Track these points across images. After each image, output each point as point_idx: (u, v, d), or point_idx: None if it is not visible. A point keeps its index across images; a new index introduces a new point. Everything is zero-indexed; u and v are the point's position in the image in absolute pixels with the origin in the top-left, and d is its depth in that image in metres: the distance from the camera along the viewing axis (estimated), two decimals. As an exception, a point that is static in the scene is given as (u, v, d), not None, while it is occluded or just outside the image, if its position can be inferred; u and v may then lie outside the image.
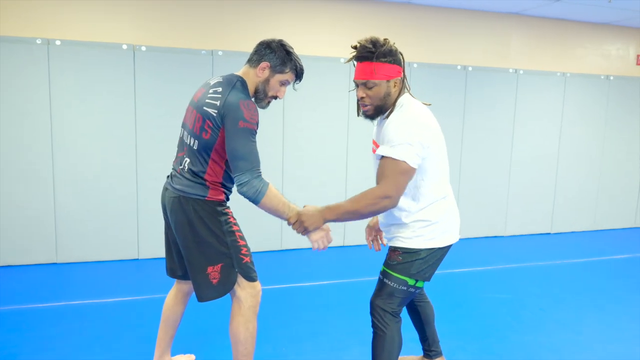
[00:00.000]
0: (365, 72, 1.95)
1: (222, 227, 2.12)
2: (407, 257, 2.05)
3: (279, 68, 2.11)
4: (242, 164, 1.97)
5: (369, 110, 2.02)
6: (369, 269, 4.28)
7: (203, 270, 2.12)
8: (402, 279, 2.05)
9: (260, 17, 4.62)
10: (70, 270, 4.13)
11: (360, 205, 1.88)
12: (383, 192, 1.87)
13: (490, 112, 5.42)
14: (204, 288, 2.14)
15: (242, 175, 1.96)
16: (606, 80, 5.85)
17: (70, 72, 4.08)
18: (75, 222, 4.25)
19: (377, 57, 1.92)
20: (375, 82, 1.95)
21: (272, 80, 2.13)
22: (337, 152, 4.95)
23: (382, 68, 1.93)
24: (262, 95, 2.15)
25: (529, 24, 5.56)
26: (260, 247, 4.72)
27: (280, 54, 2.10)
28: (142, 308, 3.39)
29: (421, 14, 5.13)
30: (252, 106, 2.02)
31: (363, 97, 1.99)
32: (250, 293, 2.17)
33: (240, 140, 1.97)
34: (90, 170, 4.23)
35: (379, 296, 2.11)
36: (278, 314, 3.35)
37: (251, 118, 1.99)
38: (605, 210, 6.12)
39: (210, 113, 2.04)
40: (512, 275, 4.32)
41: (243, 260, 2.16)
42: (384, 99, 1.98)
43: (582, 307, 3.58)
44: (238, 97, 2.01)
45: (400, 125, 1.91)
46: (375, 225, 2.43)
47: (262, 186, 1.97)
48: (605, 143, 5.98)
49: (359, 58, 1.97)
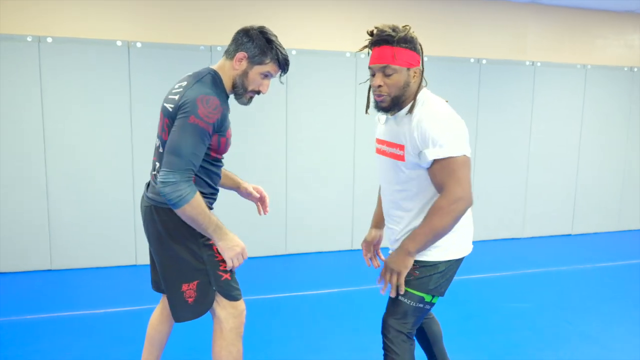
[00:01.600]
0: (385, 56, 1.74)
1: (198, 240, 1.89)
2: (424, 272, 1.84)
3: (258, 59, 1.85)
4: (176, 160, 1.72)
5: (385, 101, 1.79)
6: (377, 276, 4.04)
7: (177, 288, 1.91)
8: (418, 295, 1.84)
9: (261, 10, 4.41)
10: (64, 278, 3.96)
11: (437, 223, 1.71)
12: (453, 197, 1.69)
13: (506, 107, 5.14)
14: (179, 307, 1.93)
15: (171, 173, 1.72)
16: (630, 72, 5.52)
17: (63, 71, 3.91)
18: (69, 226, 4.08)
19: (398, 42, 1.72)
20: (395, 69, 1.74)
21: (251, 73, 1.87)
22: (343, 152, 4.71)
23: (403, 54, 1.73)
24: (241, 90, 1.91)
25: (546, 14, 5.26)
26: (264, 252, 4.51)
27: (259, 42, 1.84)
28: (140, 319, 3.19)
29: (432, 4, 4.87)
30: (213, 102, 1.75)
31: (380, 85, 1.76)
32: (231, 313, 1.94)
33: (185, 136, 1.72)
34: (84, 173, 4.06)
35: (392, 315, 1.89)
36: (279, 326, 3.14)
37: (206, 116, 1.73)
38: (629, 210, 5.79)
39: (167, 109, 1.84)
40: (531, 281, 4.05)
41: (222, 277, 1.92)
42: (402, 89, 1.77)
43: (610, 318, 3.30)
44: (198, 92, 1.77)
45: (437, 121, 1.72)
46: (373, 240, 2.22)
47: (188, 193, 1.72)
48: (629, 139, 5.65)
49: (377, 42, 1.76)
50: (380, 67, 1.76)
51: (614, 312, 3.40)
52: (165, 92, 4.03)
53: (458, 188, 1.69)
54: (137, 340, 2.89)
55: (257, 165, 4.46)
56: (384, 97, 1.78)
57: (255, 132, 4.43)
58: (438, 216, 1.70)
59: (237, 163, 4.34)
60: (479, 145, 5.06)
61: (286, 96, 4.45)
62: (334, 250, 4.78)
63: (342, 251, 4.80)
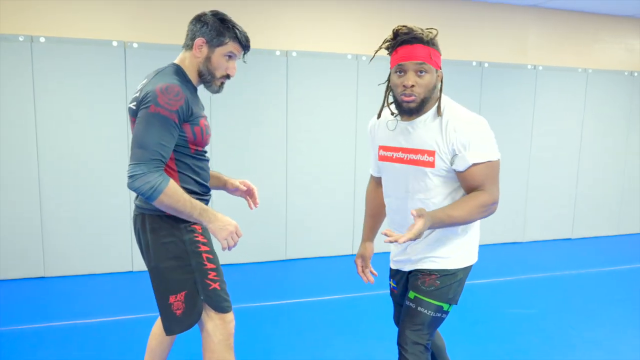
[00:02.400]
0: (421, 54, 1.67)
1: (186, 247, 1.81)
2: (445, 281, 1.79)
3: (217, 40, 1.80)
4: (140, 152, 1.64)
5: (415, 101, 1.70)
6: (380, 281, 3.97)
7: (165, 299, 1.83)
8: (438, 305, 1.79)
9: (260, 11, 4.32)
10: (58, 285, 3.84)
11: (471, 213, 1.68)
12: (493, 198, 1.71)
13: (507, 110, 5.09)
14: (169, 320, 1.85)
15: (137, 166, 1.64)
16: (630, 77, 5.50)
17: (56, 72, 3.80)
18: (63, 232, 3.96)
19: (430, 42, 1.68)
20: (430, 68, 1.69)
21: (213, 57, 1.81)
22: (344, 155, 4.63)
23: (435, 55, 1.70)
24: (208, 77, 1.84)
25: (548, 17, 5.22)
26: (263, 257, 4.41)
27: (214, 24, 1.79)
28: (137, 329, 3.09)
29: (434, 7, 4.81)
30: (173, 89, 1.68)
31: (413, 85, 1.67)
32: (218, 325, 1.86)
33: (147, 127, 1.65)
34: (78, 176, 3.94)
35: (411, 327, 1.81)
36: (279, 335, 3.05)
37: (167, 103, 1.66)
38: (629, 214, 5.76)
39: (132, 108, 1.77)
40: (534, 286, 3.99)
41: (210, 287, 1.83)
42: (431, 91, 1.72)
43: (617, 324, 3.25)
44: (157, 82, 1.71)
45: (473, 124, 1.69)
46: (371, 254, 2.13)
47: (160, 182, 1.64)
48: (629, 143, 5.62)
49: (409, 40, 1.67)
50: (416, 65, 1.67)
51: (619, 318, 3.35)
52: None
53: (497, 192, 1.70)
54: (134, 351, 2.79)
55: (256, 168, 4.37)
56: (414, 97, 1.69)
57: (255, 134, 4.34)
58: (475, 210, 1.67)
59: (236, 166, 4.26)
60: (480, 149, 5.01)
61: (287, 98, 4.37)
62: (334, 255, 4.70)
63: (343, 256, 4.72)
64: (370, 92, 4.57)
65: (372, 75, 4.55)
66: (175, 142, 1.74)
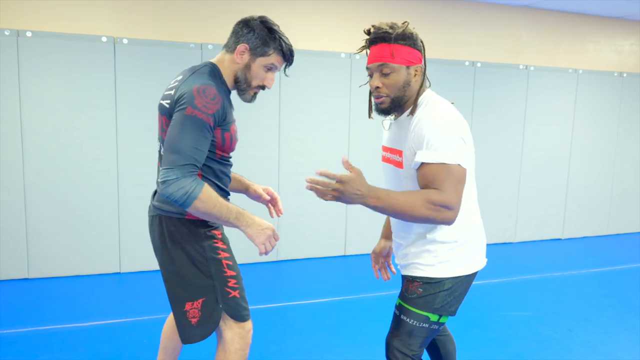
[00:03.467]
0: (382, 54, 1.62)
1: (206, 254, 1.75)
2: (428, 289, 1.69)
3: (260, 50, 1.72)
4: (175, 157, 1.57)
5: (385, 102, 1.67)
6: (373, 283, 3.93)
7: (181, 306, 1.77)
8: (423, 314, 1.70)
9: (254, 8, 4.24)
10: (43, 287, 3.72)
11: (415, 205, 1.49)
12: (443, 199, 1.50)
13: (500, 110, 5.09)
14: (185, 328, 1.78)
15: (171, 171, 1.56)
16: (619, 78, 5.54)
17: (43, 67, 3.68)
18: (49, 232, 3.84)
19: (396, 39, 1.61)
20: (394, 67, 1.62)
21: (254, 66, 1.74)
22: (337, 155, 4.57)
23: (401, 51, 1.62)
24: (244, 85, 1.77)
25: (539, 18, 5.23)
26: (254, 259, 4.34)
27: (261, 33, 1.72)
28: (126, 333, 3.00)
29: (427, 6, 4.78)
30: (211, 92, 1.61)
31: (379, 86, 1.65)
32: (237, 334, 1.80)
33: (183, 129, 1.58)
34: (65, 175, 3.83)
35: (396, 336, 1.74)
36: (273, 339, 2.98)
37: (204, 106, 1.59)
38: (617, 214, 5.81)
39: (165, 106, 1.70)
40: (528, 288, 3.98)
41: (229, 295, 1.77)
42: (402, 89, 1.65)
43: (611, 327, 3.25)
44: (194, 83, 1.63)
45: (436, 122, 1.57)
46: (383, 251, 2.07)
47: (193, 187, 1.56)
48: (618, 143, 5.67)
49: (374, 40, 1.65)
50: (377, 66, 1.64)
51: (614, 321, 3.34)
52: (153, 91, 3.88)
53: (453, 196, 1.52)
54: (124, 357, 2.71)
55: (248, 168, 4.28)
56: (383, 98, 1.66)
57: (246, 133, 4.26)
58: (421, 204, 1.49)
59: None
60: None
61: (279, 97, 4.30)
62: (327, 256, 4.65)
63: (336, 257, 4.67)
64: (364, 91, 4.52)
65: (366, 74, 4.50)
66: None
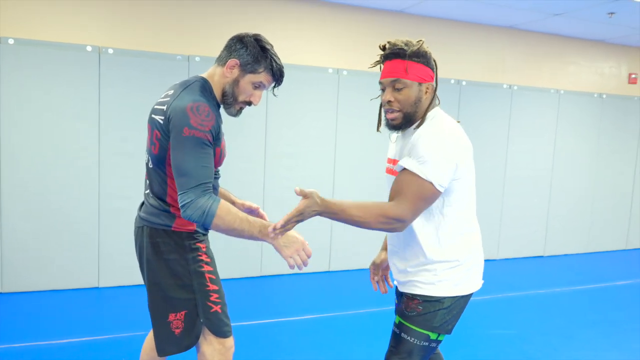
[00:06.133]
0: (396, 69, 1.65)
1: (189, 266, 1.74)
2: (428, 307, 1.68)
3: (251, 67, 1.71)
4: (185, 180, 1.58)
5: (397, 118, 1.69)
6: (359, 299, 3.90)
7: (164, 317, 1.75)
8: (423, 333, 1.69)
9: (242, 21, 4.24)
10: (17, 302, 3.59)
11: (370, 218, 1.53)
12: (398, 214, 1.54)
13: (484, 128, 5.14)
14: (164, 339, 1.76)
15: (185, 194, 1.57)
16: (599, 99, 5.66)
17: (24, 76, 3.59)
18: (24, 244, 3.72)
19: (410, 56, 1.64)
20: (406, 83, 1.65)
21: (242, 82, 1.73)
22: (323, 170, 4.56)
23: (415, 68, 1.65)
24: (230, 99, 1.76)
25: (523, 39, 5.33)
26: (237, 274, 4.27)
27: (253, 50, 1.71)
28: (105, 350, 2.89)
29: (415, 23, 4.83)
30: (204, 109, 1.61)
31: (391, 101, 1.67)
32: (218, 350, 1.77)
33: (184, 152, 1.58)
34: (43, 187, 3.72)
35: (396, 354, 1.72)
36: (253, 358, 2.91)
37: (200, 124, 1.59)
38: (598, 232, 5.90)
39: (157, 121, 1.68)
40: (511, 305, 3.99)
41: (211, 309, 1.76)
42: (414, 105, 1.67)
43: (596, 344, 3.26)
44: (187, 100, 1.62)
45: (432, 139, 1.59)
46: (383, 263, 2.05)
47: (209, 205, 1.56)
48: (599, 162, 5.78)
49: (388, 56, 1.67)
50: (390, 81, 1.67)
51: (598, 337, 3.36)
52: (138, 103, 3.83)
53: (409, 212, 1.55)
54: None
55: (232, 181, 4.23)
56: (395, 114, 1.69)
57: (232, 147, 4.21)
58: (375, 217, 1.53)
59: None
60: (457, 166, 5.03)
61: (266, 111, 4.27)
62: (311, 272, 4.60)
63: (320, 273, 4.62)
64: (351, 107, 4.53)
65: (353, 90, 4.52)
66: None
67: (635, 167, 5.97)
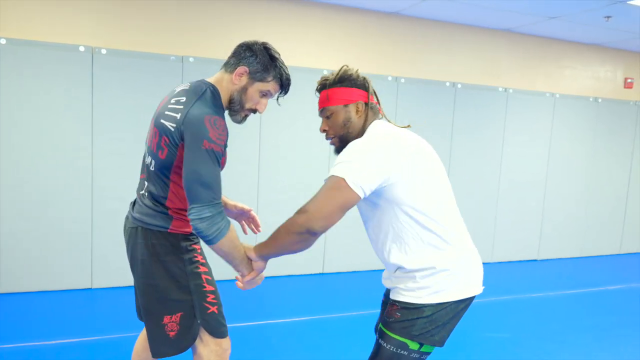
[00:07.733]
0: (321, 100, 1.78)
1: (186, 267, 1.76)
2: (406, 314, 1.64)
3: (260, 75, 1.73)
4: (205, 193, 1.59)
5: (335, 143, 1.79)
6: (353, 301, 3.89)
7: (158, 319, 1.74)
8: (401, 341, 1.64)
9: (236, 21, 4.22)
10: (10, 303, 3.57)
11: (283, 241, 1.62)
12: (304, 220, 1.54)
13: (479, 132, 5.14)
14: (159, 341, 1.75)
15: (204, 208, 1.58)
16: (595, 103, 5.67)
17: (17, 77, 3.57)
18: (17, 245, 3.70)
19: (331, 84, 1.76)
20: (331, 109, 1.74)
21: (250, 90, 1.75)
22: (317, 174, 4.55)
23: (336, 93, 1.74)
24: (237, 106, 1.77)
25: (519, 42, 5.34)
26: (225, 275, 4.24)
27: (262, 58, 1.73)
28: (98, 351, 2.88)
29: (410, 25, 4.83)
30: (220, 123, 1.65)
31: (325, 129, 1.78)
32: (214, 351, 1.79)
33: (206, 165, 1.60)
34: (36, 188, 3.70)
35: None
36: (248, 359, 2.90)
37: (217, 138, 1.62)
38: (593, 236, 5.90)
39: (168, 127, 1.66)
40: (506, 308, 3.99)
41: (208, 310, 1.77)
42: (345, 127, 1.74)
43: (590, 349, 3.26)
44: (203, 112, 1.64)
45: (353, 145, 1.62)
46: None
47: (224, 226, 1.63)
48: (594, 166, 5.78)
49: (317, 90, 1.81)
50: (320, 112, 1.79)
51: (591, 342, 3.36)
52: (131, 103, 3.81)
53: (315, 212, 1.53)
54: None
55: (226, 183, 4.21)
56: (332, 140, 1.78)
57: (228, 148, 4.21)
58: (287, 239, 1.60)
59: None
60: (451, 170, 5.03)
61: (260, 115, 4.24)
62: (304, 274, 4.59)
63: (314, 275, 4.61)
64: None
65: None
66: None
67: (630, 171, 5.98)
